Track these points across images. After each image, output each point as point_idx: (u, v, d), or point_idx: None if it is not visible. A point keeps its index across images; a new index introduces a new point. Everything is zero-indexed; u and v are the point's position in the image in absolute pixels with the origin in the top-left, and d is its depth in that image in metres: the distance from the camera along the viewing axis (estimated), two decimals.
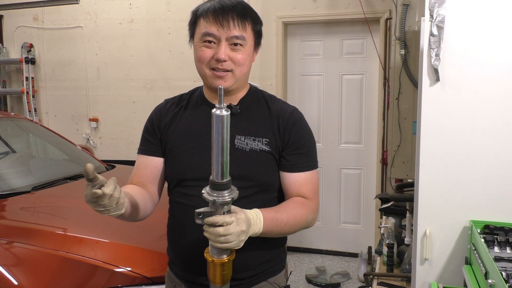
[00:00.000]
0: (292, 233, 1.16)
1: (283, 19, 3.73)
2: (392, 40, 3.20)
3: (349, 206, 3.91)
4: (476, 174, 1.54)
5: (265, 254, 1.21)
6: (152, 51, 4.12)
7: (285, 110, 1.22)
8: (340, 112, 3.84)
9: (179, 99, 1.29)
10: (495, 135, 1.52)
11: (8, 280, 1.60)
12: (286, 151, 1.19)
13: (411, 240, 2.22)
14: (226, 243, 0.93)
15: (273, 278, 1.23)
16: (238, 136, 1.16)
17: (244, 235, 0.97)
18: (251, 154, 1.15)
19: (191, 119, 1.23)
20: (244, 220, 0.97)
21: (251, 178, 1.15)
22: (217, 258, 0.97)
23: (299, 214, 1.14)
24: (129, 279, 1.61)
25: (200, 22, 1.15)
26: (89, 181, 0.93)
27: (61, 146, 3.05)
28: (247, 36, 1.15)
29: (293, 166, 1.19)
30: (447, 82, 1.54)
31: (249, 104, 1.23)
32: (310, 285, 3.35)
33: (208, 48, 1.14)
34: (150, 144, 1.25)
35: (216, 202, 0.93)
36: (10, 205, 2.14)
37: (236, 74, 1.15)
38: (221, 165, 0.91)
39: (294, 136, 1.19)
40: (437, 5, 1.51)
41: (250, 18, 1.16)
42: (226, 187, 0.93)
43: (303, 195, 1.18)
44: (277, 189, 1.22)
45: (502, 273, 1.16)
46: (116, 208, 0.97)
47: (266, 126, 1.19)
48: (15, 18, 4.49)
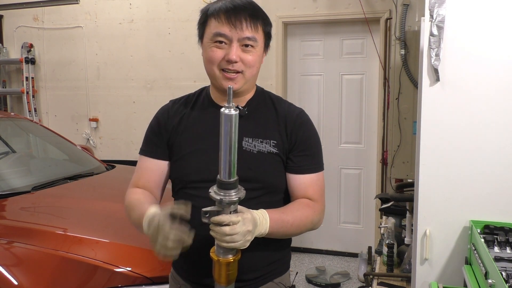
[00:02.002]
0: (297, 234, 1.16)
1: (283, 19, 3.73)
2: (392, 40, 3.21)
3: (349, 206, 3.91)
4: (476, 174, 1.54)
5: (271, 255, 1.21)
6: (152, 51, 4.12)
7: (292, 111, 1.22)
8: (340, 112, 3.84)
9: (186, 100, 1.27)
10: (495, 135, 1.52)
11: (8, 280, 1.60)
12: (293, 153, 1.18)
13: (411, 240, 2.22)
14: (232, 242, 0.94)
15: (278, 279, 1.23)
16: (246, 138, 1.16)
17: (250, 235, 0.97)
18: (259, 156, 1.15)
19: (198, 121, 1.21)
20: (250, 220, 0.97)
21: (258, 180, 1.15)
22: (223, 258, 0.97)
23: (304, 216, 1.14)
24: (129, 279, 1.61)
25: (210, 22, 1.13)
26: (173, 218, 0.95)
27: (61, 146, 3.05)
28: (258, 37, 1.13)
29: (299, 168, 1.18)
30: (447, 82, 1.54)
31: (256, 106, 1.22)
32: (310, 285, 3.35)
33: (219, 49, 1.12)
34: (156, 147, 1.23)
35: (223, 201, 0.93)
36: (10, 205, 2.14)
37: (246, 76, 1.14)
38: (228, 165, 0.92)
39: (301, 137, 1.19)
40: (437, 5, 1.51)
41: (261, 19, 1.14)
42: (233, 187, 0.94)
43: (309, 197, 1.18)
44: (284, 191, 1.21)
45: (502, 273, 1.16)
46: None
47: (274, 128, 1.18)
48: (15, 18, 4.49)
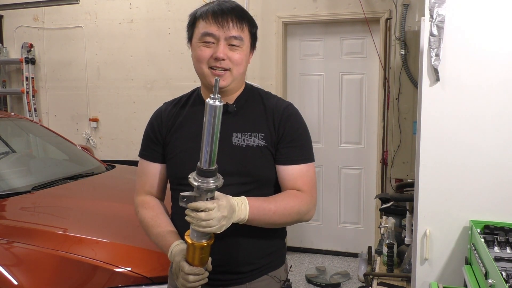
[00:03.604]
0: (283, 223, 1.19)
1: (283, 19, 3.73)
2: (392, 40, 3.21)
3: (349, 206, 3.91)
4: (476, 174, 1.54)
5: (265, 247, 1.23)
6: (152, 51, 4.12)
7: (280, 105, 1.25)
8: (340, 112, 3.84)
9: (178, 101, 1.32)
10: (495, 135, 1.52)
11: (8, 280, 1.60)
12: (281, 144, 1.21)
13: (411, 240, 2.22)
14: (208, 227, 0.98)
15: (273, 272, 1.25)
16: (235, 133, 1.19)
17: (225, 220, 1.01)
18: (248, 150, 1.18)
19: (190, 119, 1.26)
20: (225, 206, 1.01)
21: (248, 174, 1.18)
22: (197, 241, 1.02)
23: (289, 205, 1.16)
24: (129, 279, 1.61)
25: (199, 23, 1.19)
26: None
27: (61, 146, 3.05)
28: (244, 37, 1.19)
29: (287, 159, 1.21)
30: (447, 82, 1.54)
31: (245, 102, 1.25)
32: (310, 285, 3.35)
33: (207, 48, 1.17)
34: (153, 151, 1.29)
35: (200, 187, 0.97)
36: (10, 205, 2.14)
37: (233, 73, 1.19)
38: (209, 153, 0.96)
39: (288, 129, 1.21)
40: (437, 5, 1.51)
41: (247, 20, 1.20)
42: (212, 175, 0.98)
43: (298, 188, 1.20)
44: (274, 184, 1.24)
45: (502, 273, 1.16)
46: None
47: (262, 122, 1.22)
48: (15, 18, 4.49)
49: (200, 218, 0.97)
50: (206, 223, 0.97)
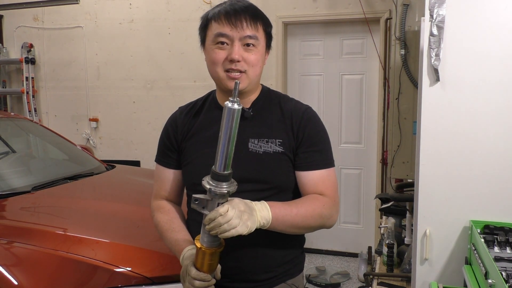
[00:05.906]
0: (307, 227, 1.14)
1: (283, 19, 3.73)
2: (392, 40, 3.20)
3: (349, 206, 3.91)
4: (476, 174, 1.54)
5: (283, 255, 1.20)
6: (152, 51, 4.12)
7: (298, 109, 1.21)
8: (340, 112, 3.84)
9: (193, 106, 1.29)
10: (495, 135, 1.52)
11: (8, 280, 1.60)
12: (301, 149, 1.17)
13: (411, 240, 2.22)
14: (232, 228, 0.95)
15: (291, 280, 1.23)
16: (252, 139, 1.16)
17: (246, 215, 0.97)
18: (264, 157, 1.15)
19: (205, 124, 1.23)
20: (238, 203, 0.98)
21: (265, 181, 1.14)
22: (206, 247, 1.00)
23: (311, 208, 1.12)
24: (129, 279, 1.61)
25: (211, 25, 1.14)
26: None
27: (61, 146, 3.05)
28: (259, 36, 1.14)
29: (308, 164, 1.17)
30: (447, 82, 1.54)
31: (262, 107, 1.22)
32: (310, 285, 3.35)
33: (221, 50, 1.13)
34: (169, 157, 1.28)
35: (212, 191, 0.95)
36: (10, 205, 2.14)
37: (249, 75, 1.15)
38: (225, 157, 0.93)
39: (308, 133, 1.17)
40: (437, 5, 1.51)
41: (261, 19, 1.16)
42: (226, 179, 0.95)
43: (320, 193, 1.16)
44: (293, 190, 1.20)
45: (502, 273, 1.16)
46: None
47: (280, 127, 1.18)
48: (15, 18, 4.49)
49: (219, 223, 0.94)
50: (228, 225, 0.94)
